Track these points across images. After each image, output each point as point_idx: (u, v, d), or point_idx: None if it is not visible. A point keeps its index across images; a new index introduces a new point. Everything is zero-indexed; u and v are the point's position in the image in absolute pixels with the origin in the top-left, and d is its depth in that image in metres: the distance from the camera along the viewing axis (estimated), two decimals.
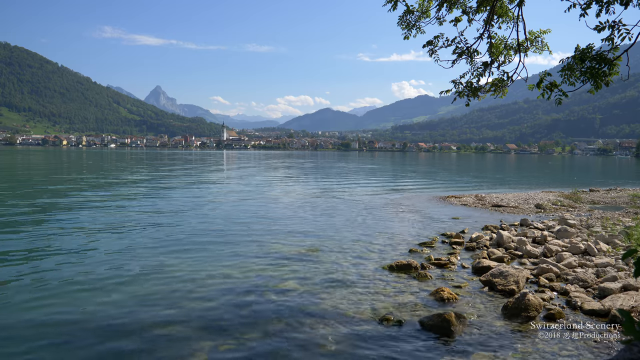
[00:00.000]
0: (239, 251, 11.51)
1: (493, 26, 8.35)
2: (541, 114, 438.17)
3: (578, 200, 23.90)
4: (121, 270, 9.64)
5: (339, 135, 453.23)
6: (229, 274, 9.51)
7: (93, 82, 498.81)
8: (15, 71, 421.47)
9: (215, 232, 13.92)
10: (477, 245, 12.37)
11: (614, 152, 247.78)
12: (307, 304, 7.77)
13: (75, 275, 9.23)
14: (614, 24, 6.14)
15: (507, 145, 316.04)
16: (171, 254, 11.13)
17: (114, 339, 6.36)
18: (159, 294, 8.21)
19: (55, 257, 10.56)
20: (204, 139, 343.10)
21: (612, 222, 15.79)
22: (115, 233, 13.58)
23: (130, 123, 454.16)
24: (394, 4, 8.57)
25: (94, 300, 7.86)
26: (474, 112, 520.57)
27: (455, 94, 8.52)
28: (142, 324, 6.86)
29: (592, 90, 6.59)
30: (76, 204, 20.22)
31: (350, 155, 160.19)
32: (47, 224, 14.82)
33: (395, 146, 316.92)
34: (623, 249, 11.13)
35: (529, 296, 7.19)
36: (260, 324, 6.90)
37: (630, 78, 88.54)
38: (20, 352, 5.97)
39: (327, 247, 12.18)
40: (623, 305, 7.15)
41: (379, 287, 8.75)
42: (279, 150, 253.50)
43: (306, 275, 9.48)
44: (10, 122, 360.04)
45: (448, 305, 7.69)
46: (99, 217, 16.60)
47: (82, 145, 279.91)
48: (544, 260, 10.30)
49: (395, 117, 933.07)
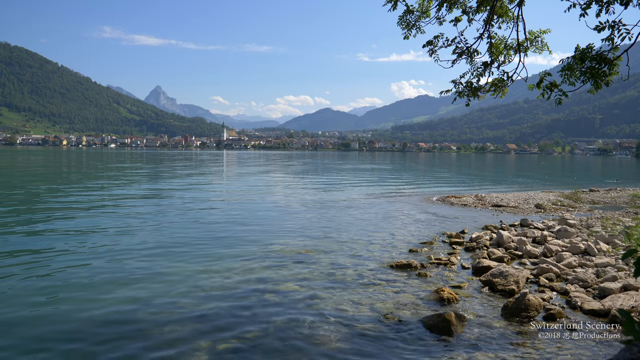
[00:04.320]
0: (239, 251, 11.50)
1: (493, 26, 8.35)
2: (541, 114, 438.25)
3: (578, 200, 23.90)
4: (120, 270, 9.63)
5: (338, 135, 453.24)
6: (228, 273, 9.50)
7: (93, 82, 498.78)
8: (15, 71, 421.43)
9: (215, 232, 13.91)
10: (477, 245, 12.37)
11: (614, 152, 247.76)
12: (307, 304, 7.77)
13: (73, 275, 9.23)
14: (614, 24, 6.13)
15: (507, 145, 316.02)
16: (171, 253, 11.12)
17: (113, 338, 6.35)
18: (159, 293, 8.20)
19: (55, 257, 10.55)
20: (204, 139, 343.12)
21: (612, 222, 15.79)
22: (114, 233, 13.57)
23: (130, 123, 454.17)
24: (394, 3, 8.57)
25: (93, 300, 7.86)
26: (474, 112, 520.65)
27: (455, 94, 8.52)
28: (141, 323, 6.85)
29: (592, 90, 6.59)
30: (76, 203, 20.21)
31: (350, 155, 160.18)
32: (48, 224, 14.81)
33: (395, 146, 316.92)
34: (623, 249, 11.13)
35: (529, 296, 7.18)
36: (260, 324, 6.90)
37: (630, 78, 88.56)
38: (17, 354, 5.97)
39: (327, 247, 12.17)
40: (623, 305, 7.15)
41: (379, 286, 8.74)
42: (279, 151, 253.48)
43: (306, 274, 9.48)
44: (10, 122, 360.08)
45: (448, 305, 7.69)
46: (98, 216, 16.59)
47: (82, 145, 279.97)
48: (544, 260, 10.30)
49: (395, 117, 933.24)
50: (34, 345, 6.17)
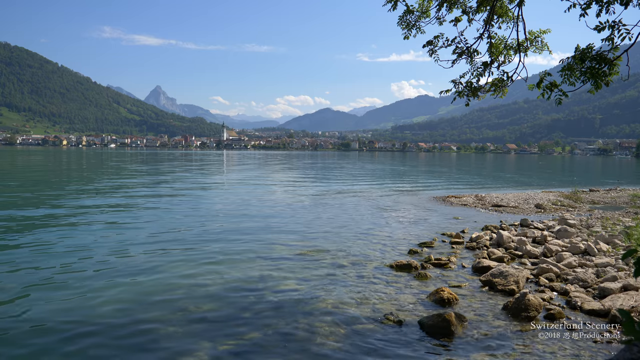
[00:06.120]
0: (239, 251, 11.50)
1: (493, 26, 8.35)
2: (541, 114, 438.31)
3: (578, 200, 23.90)
4: (120, 269, 9.63)
5: (339, 135, 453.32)
6: (229, 273, 9.50)
7: (93, 82, 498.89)
8: (15, 71, 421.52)
9: (214, 232, 13.91)
10: (477, 245, 12.37)
11: (614, 152, 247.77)
12: (307, 304, 7.77)
13: (73, 274, 9.22)
14: (614, 24, 6.14)
15: (507, 145, 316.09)
16: (170, 253, 11.12)
17: (113, 338, 6.35)
18: (158, 293, 8.20)
19: (54, 257, 10.55)
20: (204, 139, 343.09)
21: (612, 222, 15.79)
22: (114, 233, 13.57)
23: (130, 123, 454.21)
24: (394, 4, 8.57)
25: (93, 299, 7.85)
26: (474, 112, 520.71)
27: (455, 93, 8.53)
28: (141, 323, 6.85)
29: (592, 90, 6.60)
30: (75, 204, 20.21)
31: (350, 155, 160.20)
32: (47, 224, 14.82)
33: (395, 146, 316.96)
34: (623, 249, 11.12)
35: (529, 296, 7.18)
36: (260, 324, 6.90)
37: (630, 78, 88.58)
38: (16, 353, 5.97)
39: (327, 247, 12.17)
40: (623, 305, 7.15)
41: (378, 287, 8.74)
42: (279, 151, 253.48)
43: (306, 274, 9.48)
44: (10, 122, 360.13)
45: (448, 305, 7.68)
46: (98, 216, 16.59)
47: (82, 145, 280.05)
48: (544, 260, 10.30)
49: (395, 117, 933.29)
50: (32, 345, 6.17)
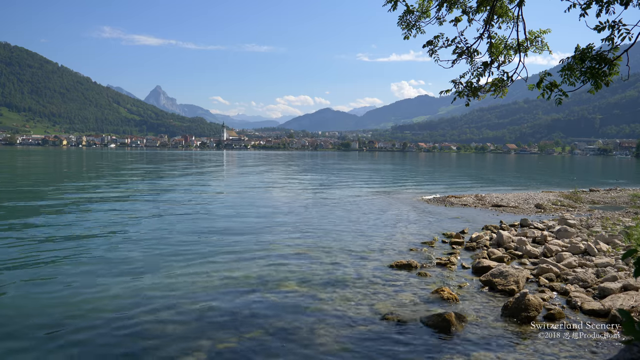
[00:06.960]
0: (239, 251, 11.50)
1: (493, 26, 8.36)
2: (541, 114, 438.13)
3: (578, 200, 23.90)
4: (120, 269, 9.63)
5: (339, 135, 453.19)
6: (228, 273, 9.50)
7: (93, 82, 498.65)
8: (15, 71, 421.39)
9: (214, 232, 13.91)
10: (477, 245, 12.37)
11: (614, 152, 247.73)
12: (307, 304, 7.77)
13: (72, 274, 9.23)
14: (614, 24, 6.14)
15: (507, 145, 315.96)
16: (170, 253, 11.12)
17: (113, 338, 6.35)
18: (158, 293, 8.20)
19: (53, 257, 10.55)
20: (204, 139, 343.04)
21: (612, 222, 15.79)
22: (114, 233, 13.57)
23: (130, 123, 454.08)
24: (394, 4, 8.58)
25: (93, 299, 7.86)
26: (474, 112, 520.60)
27: (455, 93, 8.53)
28: (141, 322, 6.85)
29: (592, 90, 6.60)
30: (76, 203, 20.21)
31: (350, 155, 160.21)
32: (48, 222, 14.82)
33: (395, 146, 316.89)
34: (623, 249, 11.12)
35: (529, 296, 7.18)
36: (259, 324, 6.90)
37: (630, 78, 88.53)
38: (17, 349, 5.97)
39: (327, 246, 12.18)
40: (623, 305, 7.15)
41: (379, 286, 8.74)
42: (279, 151, 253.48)
43: (306, 274, 9.48)
44: (10, 122, 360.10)
45: (448, 305, 7.69)
46: (98, 216, 16.59)
47: (82, 146, 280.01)
48: (544, 260, 10.30)
49: (395, 117, 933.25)
50: (31, 345, 6.17)
